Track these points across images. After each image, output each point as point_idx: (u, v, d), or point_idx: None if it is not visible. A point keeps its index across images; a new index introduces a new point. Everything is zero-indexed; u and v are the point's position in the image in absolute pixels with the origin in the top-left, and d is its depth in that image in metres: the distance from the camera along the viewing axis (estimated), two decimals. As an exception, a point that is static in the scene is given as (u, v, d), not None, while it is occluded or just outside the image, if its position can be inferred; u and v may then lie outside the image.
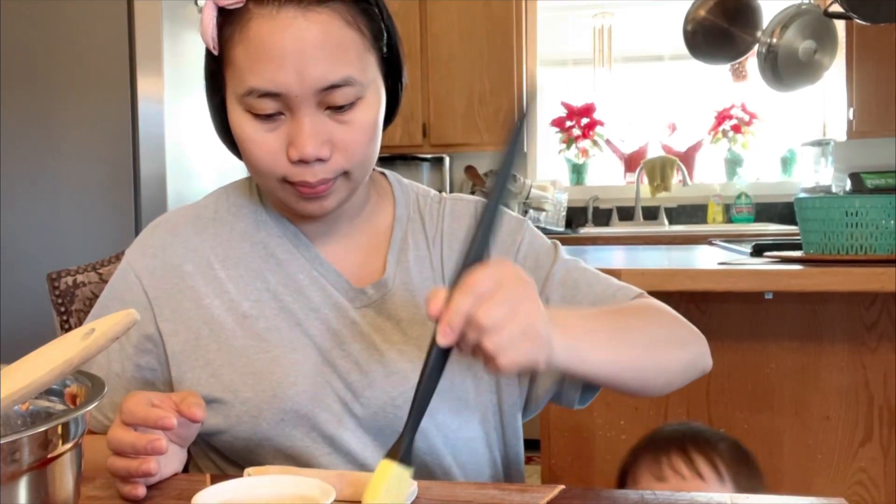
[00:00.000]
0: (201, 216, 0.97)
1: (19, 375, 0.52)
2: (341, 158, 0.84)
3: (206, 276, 0.92)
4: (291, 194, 0.86)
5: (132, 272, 0.94)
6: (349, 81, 0.82)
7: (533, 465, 3.30)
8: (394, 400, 0.87)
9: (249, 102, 0.82)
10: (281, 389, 0.86)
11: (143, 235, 0.97)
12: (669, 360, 0.87)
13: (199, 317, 0.90)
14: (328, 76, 0.80)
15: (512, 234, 0.98)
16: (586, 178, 4.22)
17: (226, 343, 0.89)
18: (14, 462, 0.47)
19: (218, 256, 0.93)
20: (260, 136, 0.83)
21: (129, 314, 0.54)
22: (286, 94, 0.80)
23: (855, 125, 3.58)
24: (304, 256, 0.93)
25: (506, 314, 0.65)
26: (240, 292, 0.91)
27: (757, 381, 1.69)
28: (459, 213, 0.99)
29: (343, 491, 0.71)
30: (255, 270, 0.92)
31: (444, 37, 3.78)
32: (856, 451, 1.67)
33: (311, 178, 0.83)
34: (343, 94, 0.82)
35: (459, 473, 0.92)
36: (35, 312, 2.02)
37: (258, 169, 0.86)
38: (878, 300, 1.65)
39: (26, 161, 2.20)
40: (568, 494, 0.73)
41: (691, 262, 1.84)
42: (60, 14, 2.18)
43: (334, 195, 0.86)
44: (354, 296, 0.91)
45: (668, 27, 3.86)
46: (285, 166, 0.83)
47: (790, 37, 2.35)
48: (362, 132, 0.84)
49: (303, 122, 0.81)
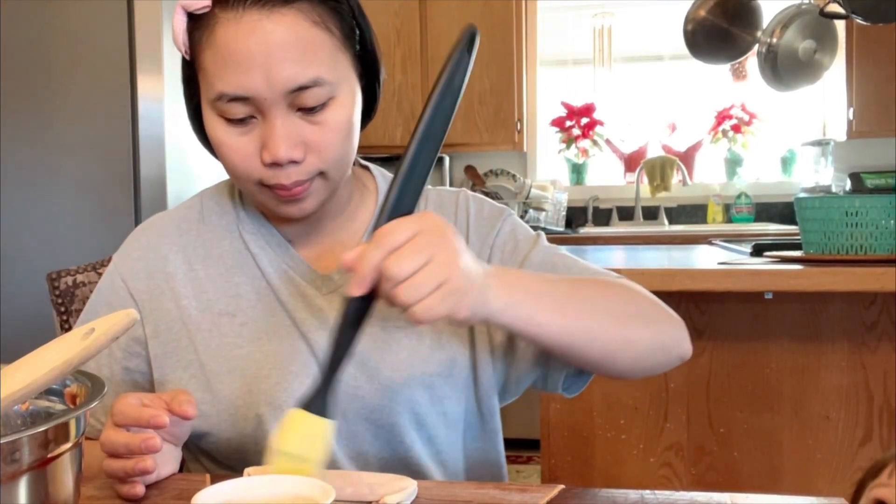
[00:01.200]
0: (186, 217, 0.98)
1: (19, 375, 0.52)
2: (315, 159, 0.84)
3: (188, 276, 0.93)
4: (270, 198, 0.86)
5: (118, 276, 0.95)
6: (319, 82, 0.81)
7: (533, 465, 3.30)
8: (356, 379, 0.88)
9: (220, 107, 0.82)
10: (256, 384, 0.87)
11: (130, 239, 0.98)
12: (634, 335, 0.84)
13: (178, 318, 0.91)
14: (296, 78, 0.80)
15: (492, 219, 0.98)
16: (586, 178, 4.22)
17: (202, 343, 0.90)
18: (14, 462, 0.47)
19: (199, 256, 0.94)
20: (233, 140, 0.83)
21: (128, 314, 0.54)
22: (255, 98, 0.80)
23: (855, 125, 3.58)
24: (276, 251, 0.93)
25: (417, 263, 0.66)
26: (217, 290, 0.92)
27: (757, 381, 1.70)
28: (442, 202, 0.99)
29: (343, 490, 0.71)
30: (232, 267, 0.93)
31: (444, 37, 3.78)
32: (856, 451, 1.67)
33: (286, 181, 0.83)
34: (313, 95, 0.81)
35: (432, 453, 0.92)
36: (35, 312, 2.02)
37: (234, 173, 0.86)
38: (878, 300, 1.65)
39: (26, 161, 2.20)
40: (568, 494, 0.73)
41: (691, 262, 1.84)
42: (60, 14, 2.18)
43: (312, 196, 0.86)
44: (322, 283, 0.92)
45: (668, 27, 3.86)
46: (260, 169, 0.83)
47: (790, 37, 2.35)
48: (336, 132, 0.84)
49: (274, 124, 0.81)
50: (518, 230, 0.98)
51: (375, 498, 0.69)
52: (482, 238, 0.96)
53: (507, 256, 0.95)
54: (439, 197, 1.00)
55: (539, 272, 0.92)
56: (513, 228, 0.98)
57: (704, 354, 1.72)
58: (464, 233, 0.96)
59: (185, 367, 0.90)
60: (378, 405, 0.89)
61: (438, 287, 0.66)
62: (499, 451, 0.99)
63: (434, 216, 0.71)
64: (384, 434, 0.90)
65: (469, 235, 0.96)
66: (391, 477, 0.73)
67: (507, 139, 3.85)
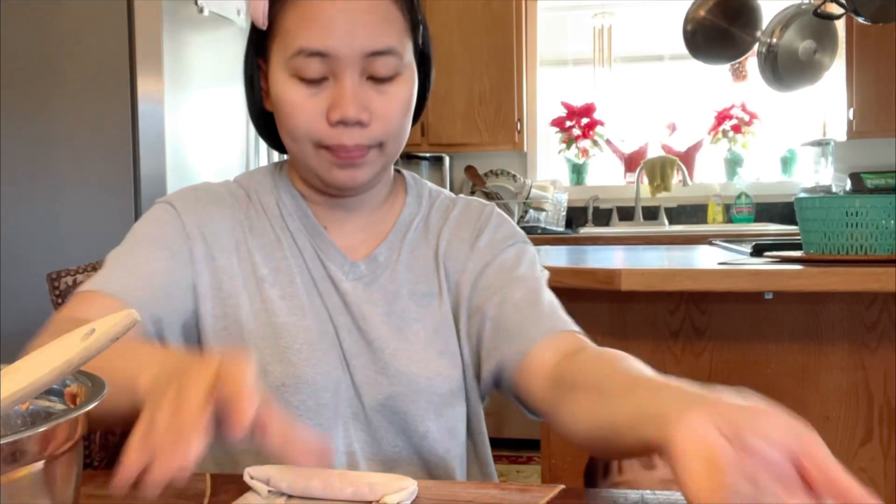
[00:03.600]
0: (233, 192, 1.00)
1: (19, 375, 0.52)
2: (379, 127, 0.87)
3: (237, 236, 0.95)
4: (326, 160, 0.89)
5: (173, 210, 0.94)
6: (393, 51, 0.86)
7: (533, 465, 3.30)
8: (375, 365, 0.92)
9: (297, 65, 0.86)
10: (286, 355, 0.90)
11: (185, 189, 0.99)
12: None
13: (224, 269, 0.93)
14: (375, 43, 0.85)
15: (506, 238, 0.99)
16: (586, 178, 4.22)
17: (246, 303, 0.92)
18: (14, 462, 0.47)
19: (245, 228, 0.96)
20: (303, 100, 0.87)
21: (129, 314, 0.54)
22: (334, 56, 0.84)
23: (855, 125, 3.59)
24: (310, 233, 0.96)
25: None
26: (262, 258, 0.94)
27: (757, 381, 1.69)
28: (468, 208, 1.02)
29: (343, 490, 0.71)
30: (274, 242, 0.96)
31: (444, 37, 3.78)
32: (856, 451, 1.67)
33: (349, 142, 0.87)
34: (386, 64, 0.86)
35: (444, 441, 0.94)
36: (35, 312, 2.02)
37: (296, 132, 0.88)
38: (878, 300, 1.65)
39: (26, 161, 2.20)
40: (568, 494, 0.73)
41: (691, 262, 1.84)
42: (60, 14, 2.18)
43: (367, 167, 0.90)
44: (349, 269, 0.95)
45: (668, 27, 3.86)
46: (324, 129, 0.87)
47: (790, 37, 2.35)
48: (399, 105, 0.88)
49: (346, 85, 0.85)
50: (524, 257, 0.98)
51: (375, 497, 0.69)
52: (490, 250, 0.97)
53: (504, 274, 0.95)
54: (468, 205, 1.03)
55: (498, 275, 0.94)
56: (519, 253, 0.98)
57: (704, 354, 1.72)
58: (471, 240, 0.98)
59: (223, 317, 0.91)
60: (394, 393, 0.91)
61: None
62: (487, 454, 1.02)
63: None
64: (399, 421, 0.92)
65: (480, 241, 0.98)
66: (392, 477, 0.73)
67: (508, 139, 3.85)
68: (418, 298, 0.95)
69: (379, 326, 0.93)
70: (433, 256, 0.98)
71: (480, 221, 1.00)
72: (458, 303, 0.96)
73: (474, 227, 0.99)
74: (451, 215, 1.01)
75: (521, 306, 0.91)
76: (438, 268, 0.97)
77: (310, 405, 0.90)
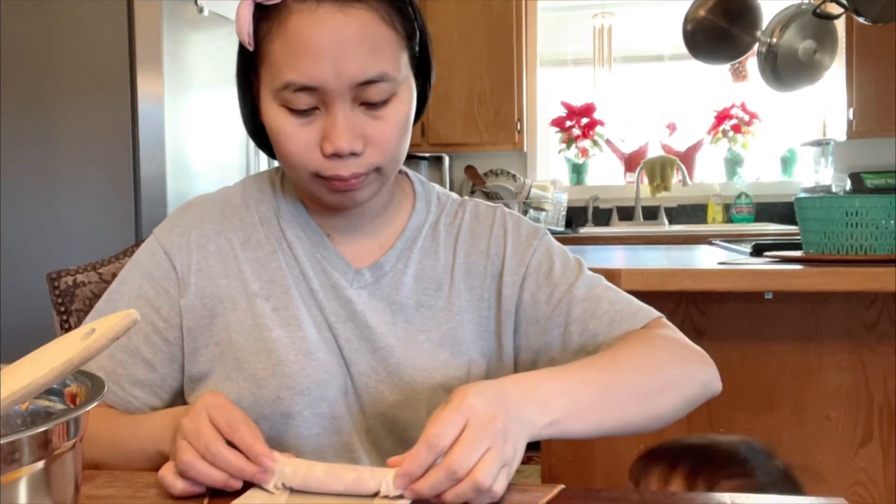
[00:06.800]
0: (229, 201, 0.99)
1: (19, 375, 0.52)
2: (374, 153, 0.86)
3: (227, 256, 0.95)
4: (323, 188, 0.88)
5: (160, 248, 0.96)
6: (384, 77, 0.83)
7: (533, 465, 3.30)
8: (377, 374, 0.92)
9: (285, 97, 0.83)
10: (281, 367, 0.89)
11: (172, 216, 1.00)
12: (663, 408, 0.86)
13: (215, 295, 0.94)
14: (365, 71, 0.82)
15: (529, 238, 0.99)
16: (586, 178, 4.22)
17: (236, 322, 0.92)
18: (14, 462, 0.47)
19: (239, 239, 0.96)
20: (294, 131, 0.85)
21: (129, 314, 0.54)
22: (323, 89, 0.82)
23: (855, 125, 3.58)
24: (311, 241, 0.96)
25: (476, 457, 0.67)
26: (254, 273, 0.94)
27: (757, 381, 1.69)
28: (478, 215, 1.02)
29: (346, 475, 0.72)
30: (269, 253, 0.95)
31: (444, 37, 3.78)
32: (856, 451, 1.67)
33: (345, 172, 0.85)
34: (378, 91, 0.83)
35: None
36: (35, 312, 2.02)
37: (291, 163, 0.87)
38: (878, 300, 1.65)
39: (26, 161, 2.20)
40: (568, 494, 0.73)
41: (691, 262, 1.84)
42: (60, 14, 2.18)
43: (366, 189, 0.89)
44: (354, 277, 0.95)
45: (668, 27, 3.86)
46: (319, 161, 0.85)
47: (790, 37, 2.35)
48: (395, 128, 0.86)
49: (338, 116, 0.83)
50: (553, 251, 0.99)
51: (376, 481, 0.69)
52: (520, 256, 0.98)
53: (542, 279, 0.97)
54: (476, 210, 1.02)
55: (584, 305, 0.94)
56: (547, 249, 0.99)
57: (704, 354, 1.71)
58: (501, 249, 0.98)
59: (217, 343, 0.92)
60: (396, 402, 0.92)
61: (501, 469, 0.69)
62: None
63: (474, 401, 0.70)
64: (400, 429, 0.93)
65: (506, 250, 0.98)
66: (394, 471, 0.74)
67: (508, 139, 3.85)
68: (425, 310, 0.95)
69: (385, 335, 0.93)
70: (445, 269, 0.97)
71: (495, 228, 1.00)
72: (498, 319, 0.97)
73: (489, 236, 0.99)
74: (462, 224, 1.00)
75: (587, 324, 0.94)
76: (452, 282, 0.97)
77: (306, 415, 0.90)
